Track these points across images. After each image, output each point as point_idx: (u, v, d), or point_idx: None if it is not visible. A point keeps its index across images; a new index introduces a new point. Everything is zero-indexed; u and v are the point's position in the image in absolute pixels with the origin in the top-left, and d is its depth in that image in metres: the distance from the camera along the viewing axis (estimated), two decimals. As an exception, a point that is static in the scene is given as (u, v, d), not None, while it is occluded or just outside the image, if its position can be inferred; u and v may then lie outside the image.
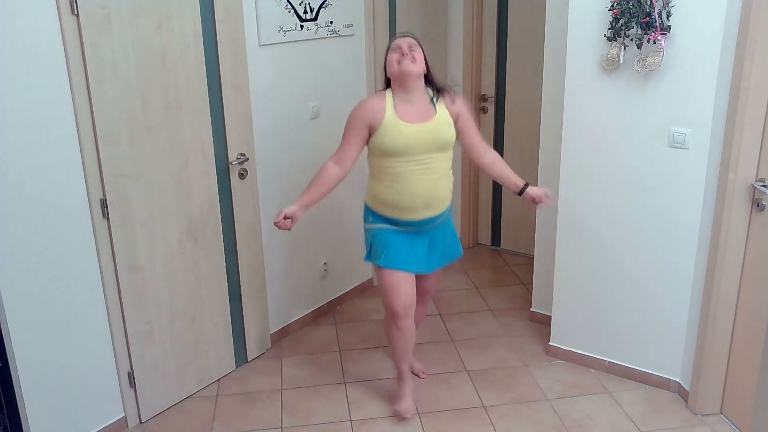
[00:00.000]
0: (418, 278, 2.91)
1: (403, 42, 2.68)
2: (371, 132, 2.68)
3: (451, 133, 2.72)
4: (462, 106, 2.79)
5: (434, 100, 2.71)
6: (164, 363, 3.03)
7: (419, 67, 2.66)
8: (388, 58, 2.70)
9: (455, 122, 2.75)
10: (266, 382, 3.31)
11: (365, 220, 2.87)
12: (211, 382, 3.28)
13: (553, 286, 3.36)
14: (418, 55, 2.66)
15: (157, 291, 2.92)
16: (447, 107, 2.73)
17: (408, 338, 2.91)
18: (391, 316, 2.84)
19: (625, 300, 3.14)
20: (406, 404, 3.00)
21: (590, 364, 3.34)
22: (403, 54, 2.64)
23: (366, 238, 2.90)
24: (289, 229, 2.70)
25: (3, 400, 2.47)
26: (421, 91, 2.71)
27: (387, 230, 2.79)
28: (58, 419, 2.68)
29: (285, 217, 2.66)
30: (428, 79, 2.74)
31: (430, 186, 2.69)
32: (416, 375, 3.26)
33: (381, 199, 2.76)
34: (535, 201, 2.83)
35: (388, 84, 2.76)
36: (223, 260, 3.20)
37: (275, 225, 2.68)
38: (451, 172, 2.81)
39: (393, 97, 2.69)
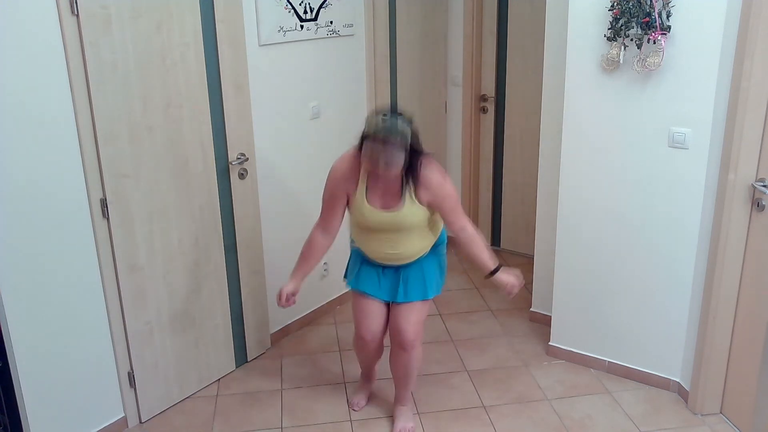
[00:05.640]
0: (395, 313, 2.79)
1: (381, 157, 2.36)
2: (349, 197, 2.63)
3: (414, 220, 2.58)
4: (437, 189, 2.54)
5: (404, 188, 2.52)
6: (164, 363, 3.03)
7: (395, 171, 2.46)
8: (362, 155, 2.45)
9: (429, 205, 2.58)
10: (266, 382, 3.31)
11: (351, 240, 2.86)
12: (211, 382, 3.28)
13: (553, 286, 3.36)
14: (395, 169, 2.43)
15: (157, 291, 2.92)
16: (417, 196, 2.53)
17: (371, 359, 3.01)
18: (358, 338, 2.89)
19: (625, 300, 3.14)
20: (357, 398, 3.13)
21: (590, 364, 3.34)
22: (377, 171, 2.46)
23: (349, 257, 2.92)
24: (293, 305, 2.75)
25: (3, 400, 2.48)
26: (396, 176, 2.50)
27: (361, 253, 2.79)
28: (58, 419, 2.68)
29: (287, 298, 2.71)
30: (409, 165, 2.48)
31: (392, 252, 2.66)
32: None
33: (354, 237, 2.81)
34: (505, 289, 2.72)
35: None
36: (223, 260, 3.20)
37: (281, 306, 2.72)
38: (427, 232, 2.68)
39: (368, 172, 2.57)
